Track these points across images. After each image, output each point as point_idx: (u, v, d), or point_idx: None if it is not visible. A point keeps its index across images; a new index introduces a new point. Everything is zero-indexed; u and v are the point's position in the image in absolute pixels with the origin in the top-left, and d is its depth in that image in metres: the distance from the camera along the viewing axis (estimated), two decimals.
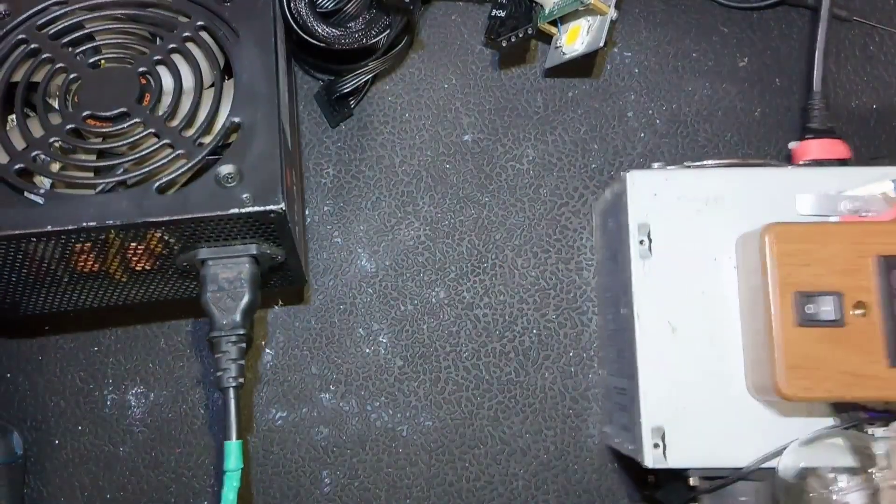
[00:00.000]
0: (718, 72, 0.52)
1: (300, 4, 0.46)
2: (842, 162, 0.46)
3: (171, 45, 0.41)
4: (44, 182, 0.38)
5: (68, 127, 0.38)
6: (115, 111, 0.39)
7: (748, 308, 0.41)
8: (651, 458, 0.41)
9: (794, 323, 0.38)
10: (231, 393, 0.40)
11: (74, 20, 0.42)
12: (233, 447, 0.39)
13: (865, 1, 0.54)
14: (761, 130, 0.52)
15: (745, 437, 0.41)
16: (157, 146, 0.38)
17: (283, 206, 0.37)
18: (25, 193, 0.37)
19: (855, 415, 0.40)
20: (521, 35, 0.49)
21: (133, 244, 0.38)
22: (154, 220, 0.37)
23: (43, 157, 0.38)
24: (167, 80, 0.40)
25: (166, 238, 0.38)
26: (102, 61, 0.42)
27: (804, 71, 0.53)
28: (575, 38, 0.49)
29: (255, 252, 0.40)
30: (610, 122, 0.52)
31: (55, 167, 0.39)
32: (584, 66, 0.53)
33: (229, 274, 0.40)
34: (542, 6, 0.50)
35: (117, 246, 0.38)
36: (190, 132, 0.39)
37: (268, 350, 0.50)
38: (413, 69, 0.53)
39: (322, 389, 0.49)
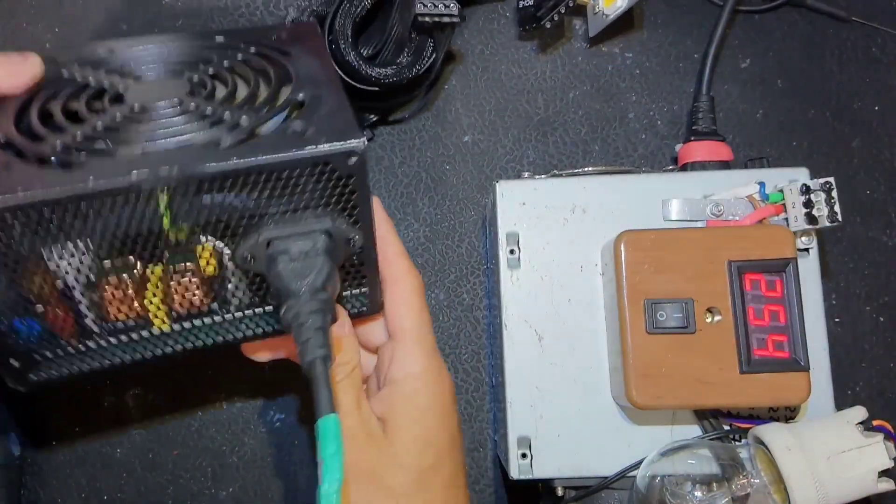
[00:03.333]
0: (720, 73, 0.52)
1: (349, 55, 0.46)
2: (724, 164, 0.46)
3: (225, 63, 0.37)
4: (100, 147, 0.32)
5: (117, 115, 0.33)
6: (164, 101, 0.34)
7: (610, 316, 0.42)
8: (517, 469, 0.41)
9: (645, 330, 0.39)
10: (317, 366, 0.31)
11: (124, 54, 0.39)
12: (331, 422, 0.30)
13: (866, 1, 0.53)
14: (763, 132, 0.52)
15: (611, 446, 0.41)
16: (216, 119, 0.33)
17: (363, 142, 0.31)
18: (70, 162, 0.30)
19: (718, 423, 0.40)
20: (563, 10, 0.48)
21: (183, 234, 0.32)
22: (217, 169, 0.30)
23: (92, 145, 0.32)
24: (220, 89, 0.36)
25: (231, 209, 0.32)
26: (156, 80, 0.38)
27: (806, 73, 0.53)
28: None
29: (328, 226, 0.33)
30: (611, 124, 0.52)
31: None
32: (625, 22, 0.52)
33: (302, 246, 0.33)
34: None
35: (162, 241, 0.32)
36: (250, 106, 0.34)
37: None
38: None
39: None
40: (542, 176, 0.45)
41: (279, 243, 0.33)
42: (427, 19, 0.45)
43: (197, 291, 0.34)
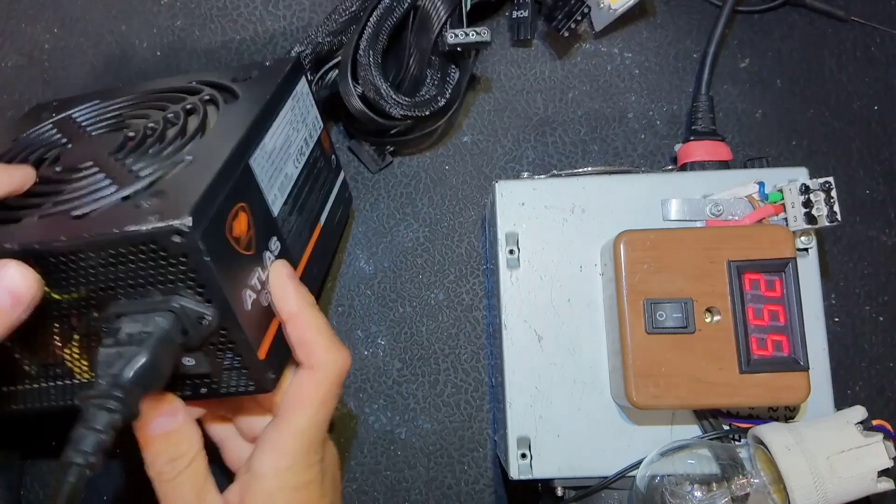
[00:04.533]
0: (719, 73, 0.52)
1: (382, 90, 0.45)
2: (724, 164, 0.46)
3: (169, 115, 0.39)
4: None
5: (35, 180, 0.36)
6: (84, 164, 0.36)
7: (609, 316, 0.42)
8: (517, 469, 0.41)
9: (644, 330, 0.39)
10: (70, 474, 0.29)
11: (98, 107, 0.43)
12: None
13: (865, 1, 0.53)
14: (762, 131, 0.52)
15: (611, 446, 0.41)
16: (95, 180, 0.34)
17: (187, 222, 0.29)
18: None
19: (718, 423, 0.40)
20: (579, 18, 0.48)
21: (63, 298, 0.33)
22: (50, 244, 0.31)
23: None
24: (150, 140, 0.38)
25: (79, 280, 0.32)
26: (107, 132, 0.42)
27: (806, 72, 0.53)
28: None
29: (175, 305, 0.32)
30: (610, 124, 0.52)
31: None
32: (637, 12, 0.53)
33: (134, 328, 0.32)
34: None
35: (52, 301, 0.33)
36: (138, 169, 0.35)
37: None
38: None
39: None
40: (542, 176, 0.45)
41: (122, 320, 0.32)
42: (459, 48, 0.46)
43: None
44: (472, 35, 0.45)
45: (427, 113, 0.47)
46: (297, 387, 0.35)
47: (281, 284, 0.35)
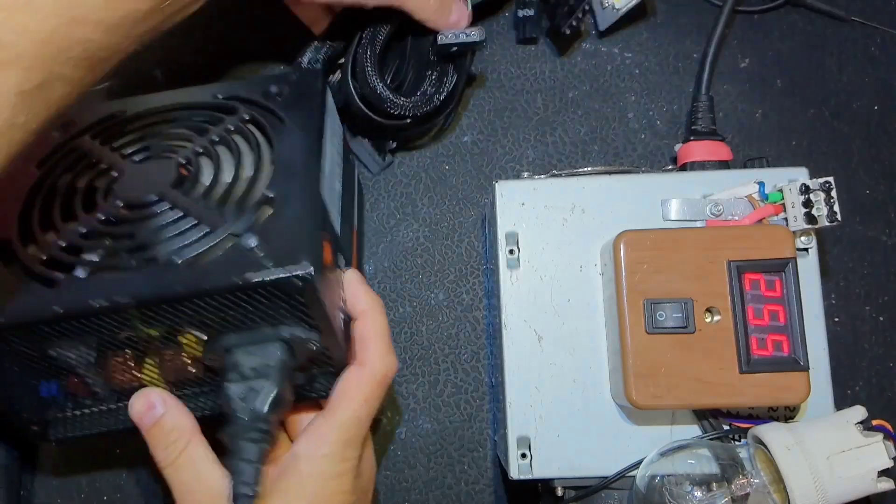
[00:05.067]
0: (719, 73, 0.52)
1: (378, 87, 0.45)
2: (724, 164, 0.46)
3: (214, 138, 0.39)
4: (77, 269, 0.35)
5: (101, 217, 0.36)
6: (148, 199, 0.36)
7: (609, 316, 0.42)
8: (517, 469, 0.41)
9: (644, 330, 0.39)
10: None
11: (124, 124, 0.42)
12: None
13: (865, 1, 0.53)
14: (762, 131, 0.52)
15: (611, 446, 0.41)
16: (185, 225, 0.35)
17: (310, 270, 0.32)
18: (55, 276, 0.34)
19: (718, 423, 0.40)
20: (581, 16, 0.48)
21: (160, 333, 0.35)
22: (169, 293, 0.32)
23: (79, 248, 0.35)
24: (207, 169, 0.38)
25: (191, 321, 0.34)
26: (149, 158, 0.40)
27: (806, 72, 0.53)
28: None
29: (286, 335, 0.34)
30: (610, 124, 0.52)
31: (90, 256, 0.35)
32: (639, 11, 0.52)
33: (255, 361, 0.34)
34: None
35: (144, 336, 0.35)
36: (221, 209, 0.36)
37: None
38: None
39: None
40: (542, 176, 0.45)
41: (236, 353, 0.35)
42: (453, 49, 0.45)
43: (186, 367, 0.37)
44: (463, 36, 0.45)
45: (425, 112, 0.47)
46: (346, 381, 0.37)
47: (354, 288, 0.38)
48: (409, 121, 0.46)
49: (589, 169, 0.48)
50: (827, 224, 0.41)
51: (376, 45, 0.45)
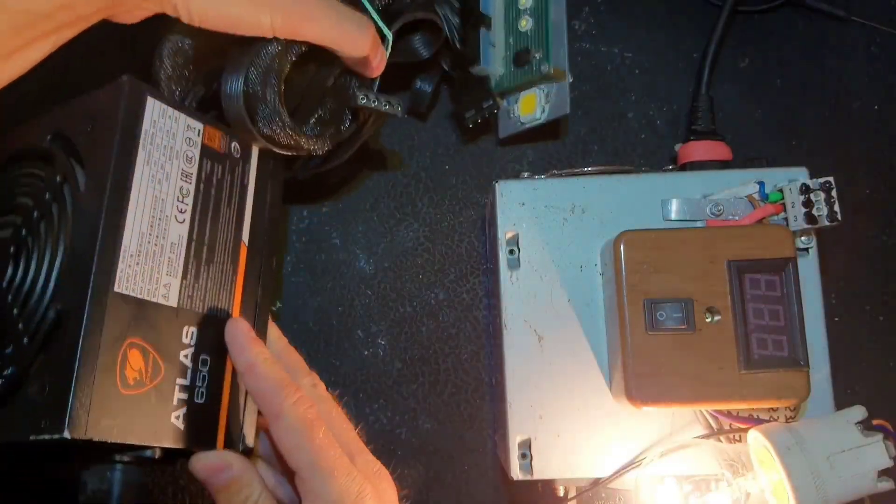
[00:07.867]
0: (719, 73, 0.52)
1: (264, 96, 0.38)
2: (724, 164, 0.46)
3: (9, 232, 0.33)
4: None
5: None
6: None
7: (610, 316, 0.42)
8: (517, 469, 0.41)
9: (644, 330, 0.39)
10: None
11: None
12: None
13: (865, 1, 0.53)
14: (763, 131, 0.52)
15: (611, 446, 0.41)
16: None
17: (66, 434, 0.28)
18: None
19: (718, 423, 0.41)
20: (486, 114, 0.48)
21: None
22: None
23: None
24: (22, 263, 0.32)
25: None
26: None
27: (806, 72, 0.53)
28: (532, 106, 0.48)
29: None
30: (610, 123, 0.52)
31: None
32: (550, 128, 0.51)
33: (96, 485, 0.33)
34: (488, 77, 0.48)
35: None
36: (21, 326, 0.31)
37: None
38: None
39: None
40: (542, 176, 0.45)
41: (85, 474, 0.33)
42: (368, 111, 0.43)
43: None
44: (384, 104, 0.42)
45: (293, 146, 0.40)
46: (300, 483, 0.36)
47: (235, 349, 0.37)
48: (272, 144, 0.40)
49: (589, 169, 0.48)
50: (827, 224, 0.41)
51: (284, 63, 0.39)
